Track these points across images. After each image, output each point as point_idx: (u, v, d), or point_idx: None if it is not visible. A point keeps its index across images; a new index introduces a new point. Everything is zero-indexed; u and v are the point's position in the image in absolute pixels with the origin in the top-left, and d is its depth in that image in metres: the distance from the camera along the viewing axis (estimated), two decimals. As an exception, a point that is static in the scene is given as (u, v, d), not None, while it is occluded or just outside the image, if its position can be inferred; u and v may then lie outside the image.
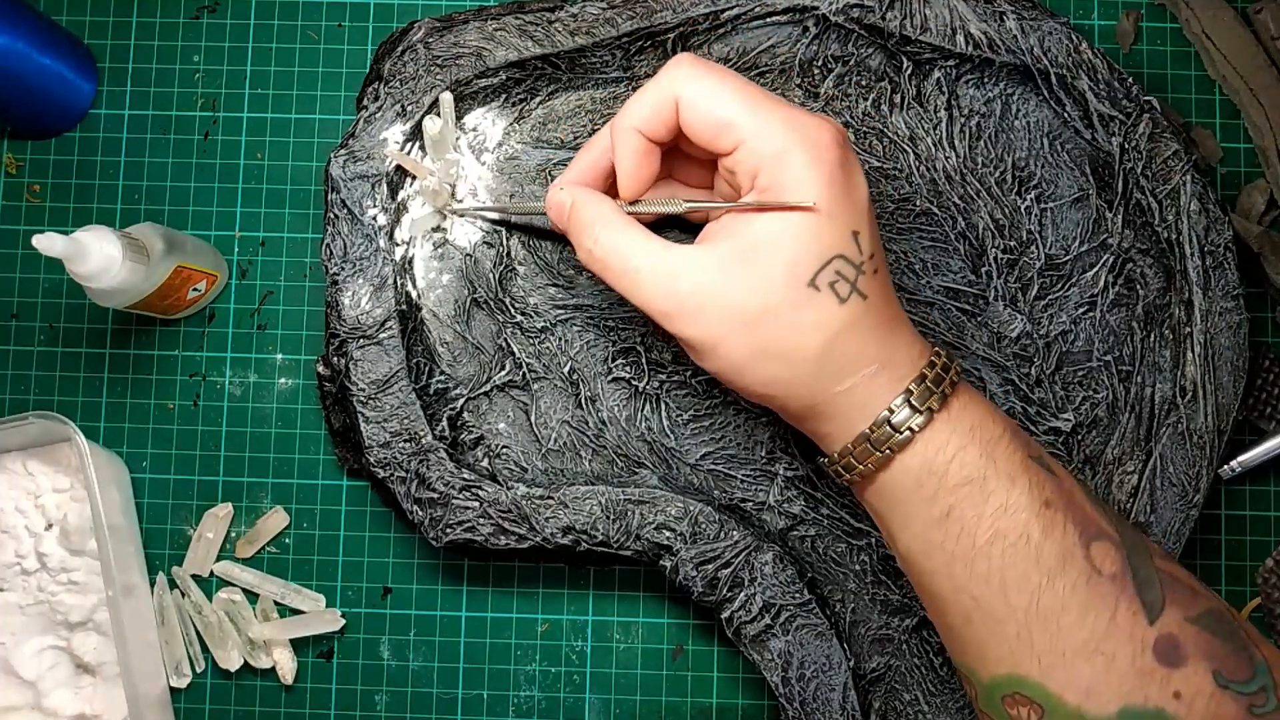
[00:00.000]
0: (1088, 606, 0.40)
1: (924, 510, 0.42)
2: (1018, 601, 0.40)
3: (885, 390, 0.42)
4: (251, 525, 0.59)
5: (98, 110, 0.61)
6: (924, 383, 0.42)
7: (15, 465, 0.58)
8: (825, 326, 0.41)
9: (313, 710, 0.58)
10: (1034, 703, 0.41)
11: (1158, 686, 0.39)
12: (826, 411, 0.43)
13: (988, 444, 0.42)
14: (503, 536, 0.53)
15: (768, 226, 0.41)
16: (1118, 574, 0.41)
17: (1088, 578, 0.40)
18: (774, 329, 0.41)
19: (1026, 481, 0.41)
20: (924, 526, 0.42)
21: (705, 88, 0.42)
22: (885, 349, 0.42)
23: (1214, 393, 0.53)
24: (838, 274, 0.41)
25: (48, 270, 0.60)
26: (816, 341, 0.41)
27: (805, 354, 0.41)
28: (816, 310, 0.41)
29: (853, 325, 0.41)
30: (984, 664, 0.42)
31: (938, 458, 0.42)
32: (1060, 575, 0.40)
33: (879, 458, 0.42)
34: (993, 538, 0.41)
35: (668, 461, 0.55)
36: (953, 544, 0.42)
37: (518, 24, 0.55)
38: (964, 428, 0.42)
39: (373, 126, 0.55)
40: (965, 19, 0.54)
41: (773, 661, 0.53)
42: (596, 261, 0.44)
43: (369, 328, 0.54)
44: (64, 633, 0.57)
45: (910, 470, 0.42)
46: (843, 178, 0.41)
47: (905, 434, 0.41)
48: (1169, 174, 0.54)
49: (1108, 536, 0.42)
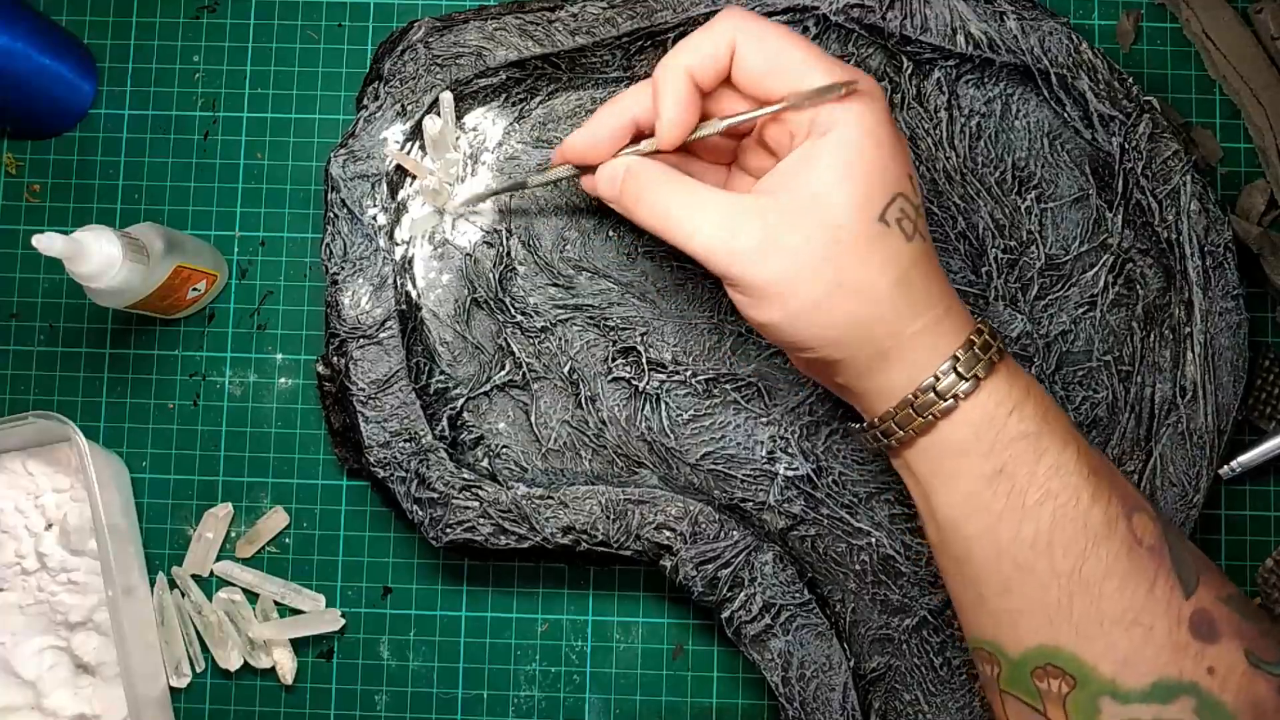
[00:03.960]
0: (1128, 576, 0.40)
1: (975, 467, 0.42)
2: (1063, 565, 0.40)
3: (950, 338, 0.42)
4: (251, 525, 0.59)
5: (98, 110, 0.61)
6: (983, 335, 0.42)
7: (15, 465, 0.58)
8: (897, 261, 0.41)
9: (313, 710, 0.58)
10: (1066, 674, 0.41)
11: (1192, 661, 0.39)
12: (894, 356, 0.42)
13: (1042, 402, 0.42)
14: (503, 536, 0.53)
15: (832, 165, 0.41)
16: (1157, 546, 0.41)
17: (1129, 547, 0.40)
18: (850, 264, 0.41)
19: (1076, 446, 0.42)
20: (973, 485, 0.42)
21: (763, 33, 0.43)
22: (946, 295, 0.43)
23: (1214, 393, 0.53)
24: (902, 211, 0.41)
25: (48, 270, 0.60)
26: (891, 275, 0.41)
27: (882, 289, 0.41)
28: (887, 245, 0.41)
29: (918, 264, 0.42)
30: (1016, 636, 0.42)
31: (999, 409, 0.41)
32: (1105, 542, 0.40)
33: (943, 407, 0.41)
34: (1043, 497, 0.41)
35: (668, 461, 0.55)
36: (1001, 503, 0.41)
37: (518, 23, 0.55)
38: (1021, 384, 0.42)
39: (373, 126, 0.55)
40: (965, 19, 0.54)
41: (773, 661, 0.53)
42: (660, 222, 0.44)
43: (369, 327, 0.54)
44: (64, 633, 0.57)
45: (970, 420, 0.42)
46: (892, 124, 0.42)
47: (971, 381, 0.41)
48: (1169, 174, 0.54)
49: (1146, 510, 0.42)
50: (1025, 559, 0.41)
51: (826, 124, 0.41)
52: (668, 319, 0.56)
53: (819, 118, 0.42)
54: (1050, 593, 0.41)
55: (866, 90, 0.42)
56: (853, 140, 0.41)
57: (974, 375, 0.41)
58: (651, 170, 0.45)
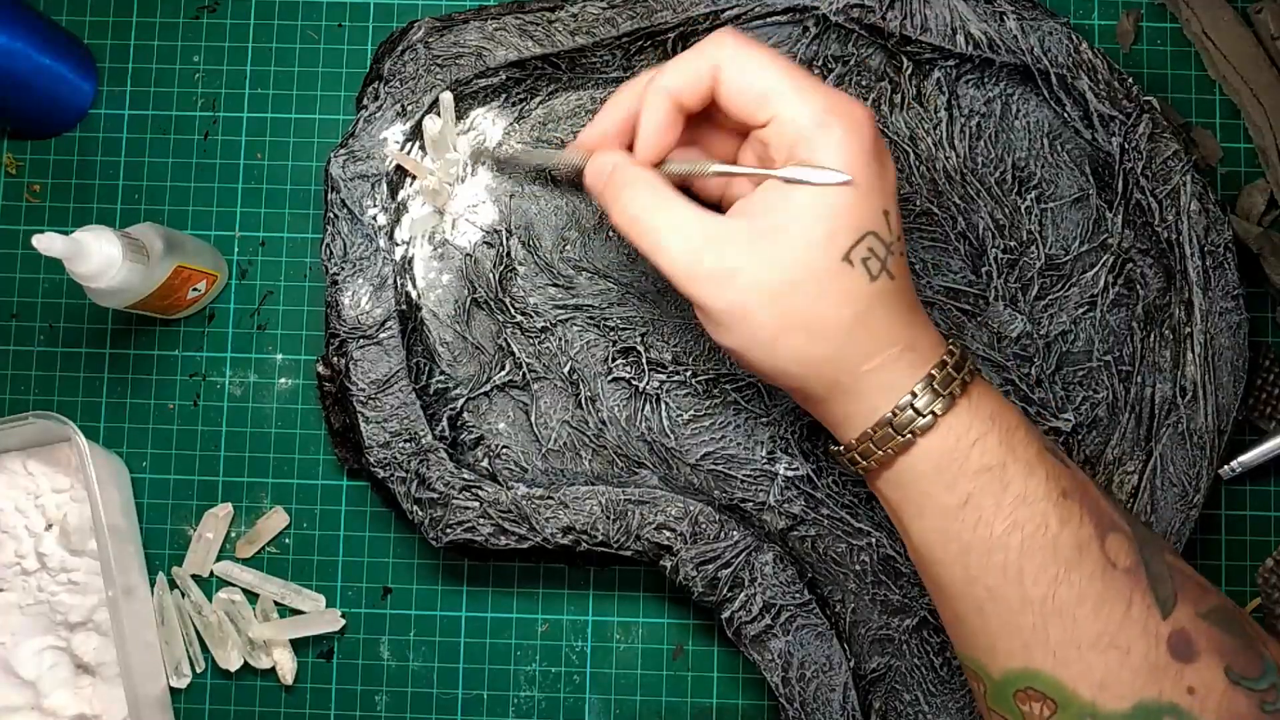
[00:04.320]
0: (1103, 599, 0.40)
1: (941, 498, 0.42)
2: (1034, 593, 0.40)
3: (908, 373, 0.42)
4: (251, 525, 0.59)
5: (98, 110, 0.61)
6: (945, 368, 0.42)
7: (15, 465, 0.58)
8: (856, 301, 0.41)
9: (313, 710, 0.58)
10: (1047, 698, 0.41)
11: (1171, 681, 0.39)
12: (850, 391, 0.42)
13: (1006, 432, 0.42)
14: (503, 536, 0.53)
15: (805, 199, 0.41)
16: (1132, 567, 0.41)
17: (1103, 570, 0.40)
18: (805, 301, 0.41)
19: (1044, 471, 0.41)
20: (940, 515, 0.42)
21: (748, 58, 0.42)
22: (910, 331, 0.42)
23: (1214, 393, 0.53)
24: (870, 250, 0.41)
25: (48, 270, 0.60)
26: (847, 316, 0.41)
27: (835, 328, 0.41)
28: (848, 285, 0.41)
29: (881, 303, 0.41)
30: (995, 658, 0.42)
31: (958, 444, 0.41)
32: (1077, 567, 0.40)
33: (900, 442, 0.42)
34: (1010, 527, 0.41)
35: (668, 461, 0.55)
36: (969, 533, 0.41)
37: (518, 24, 0.55)
38: (984, 415, 0.42)
39: (373, 126, 0.55)
40: (965, 19, 0.54)
41: (773, 662, 0.53)
42: (628, 225, 0.44)
43: (369, 327, 0.54)
44: (64, 633, 0.57)
45: (930, 455, 0.42)
46: (877, 156, 0.42)
47: (928, 417, 0.41)
48: (1169, 174, 0.54)
49: (1121, 530, 0.41)
50: (997, 586, 0.41)
51: (807, 153, 0.41)
52: (668, 319, 0.56)
53: (798, 147, 0.41)
54: (1025, 618, 0.41)
55: (852, 120, 0.41)
56: (835, 171, 0.41)
57: (931, 412, 0.41)
58: (636, 176, 0.45)
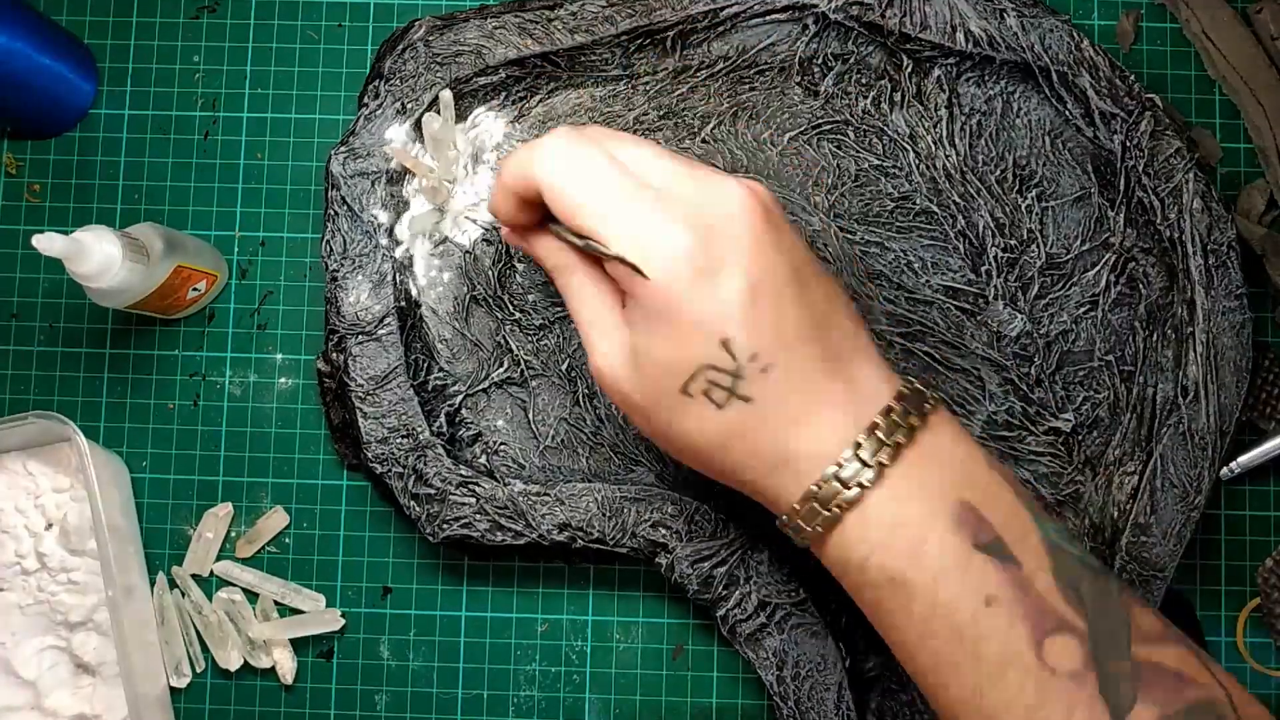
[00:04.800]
0: (1037, 708, 0.37)
1: (858, 598, 0.41)
2: (959, 695, 0.38)
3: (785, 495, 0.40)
4: (251, 525, 0.59)
5: (98, 110, 0.61)
6: (819, 495, 0.39)
7: (15, 465, 0.58)
8: (707, 432, 0.40)
9: (313, 710, 0.58)
10: None
11: None
12: (748, 491, 0.42)
13: (914, 541, 0.38)
14: (499, 533, 0.53)
15: (640, 329, 0.40)
16: (1078, 671, 0.37)
17: (1037, 678, 0.37)
18: (666, 426, 0.40)
19: (961, 578, 0.38)
20: (862, 607, 0.41)
21: (561, 183, 0.40)
22: (780, 448, 0.40)
23: (1216, 393, 0.53)
24: (710, 383, 0.39)
25: (48, 270, 0.60)
26: (703, 443, 0.40)
27: (705, 448, 0.40)
28: (695, 416, 0.40)
29: (737, 432, 0.40)
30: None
31: (851, 556, 0.39)
32: (1002, 676, 0.37)
33: (802, 542, 0.41)
34: (923, 636, 0.38)
35: (664, 459, 0.55)
36: (891, 634, 0.40)
37: (517, 22, 0.55)
38: (886, 521, 0.39)
39: (373, 124, 0.55)
40: (965, 16, 0.54)
41: (768, 660, 0.53)
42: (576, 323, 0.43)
43: (368, 324, 0.54)
44: (64, 633, 0.57)
45: (829, 562, 0.41)
46: (707, 280, 0.38)
47: (803, 544, 0.40)
48: (1171, 172, 0.53)
49: (1070, 629, 0.38)
50: (928, 682, 0.40)
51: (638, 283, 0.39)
52: (667, 318, 0.56)
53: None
54: (960, 712, 0.39)
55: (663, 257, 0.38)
56: (653, 310, 0.39)
57: (815, 527, 0.39)
58: (576, 277, 0.43)
